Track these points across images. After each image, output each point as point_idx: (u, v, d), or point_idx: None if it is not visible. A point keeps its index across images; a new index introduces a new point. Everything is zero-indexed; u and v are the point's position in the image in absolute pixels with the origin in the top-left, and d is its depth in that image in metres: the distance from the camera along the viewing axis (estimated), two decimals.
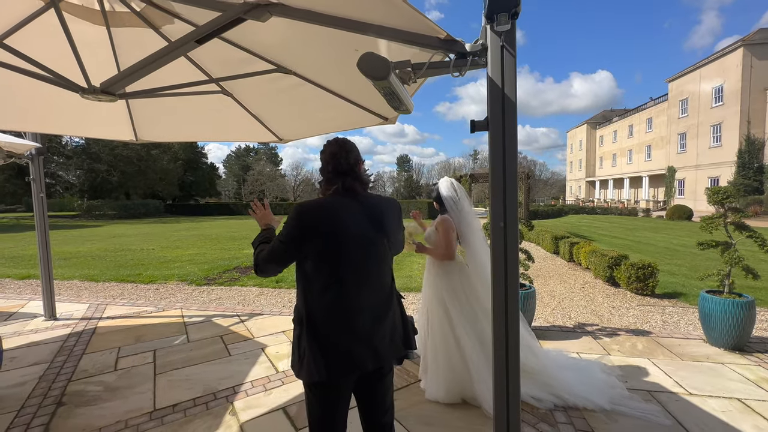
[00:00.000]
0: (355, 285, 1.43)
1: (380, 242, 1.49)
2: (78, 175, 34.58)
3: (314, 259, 1.41)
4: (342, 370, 1.40)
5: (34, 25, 1.91)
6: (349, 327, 1.41)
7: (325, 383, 1.40)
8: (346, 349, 1.40)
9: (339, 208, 1.46)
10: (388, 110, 2.59)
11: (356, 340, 1.42)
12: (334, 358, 1.38)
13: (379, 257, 1.49)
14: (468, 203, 2.90)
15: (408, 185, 70.08)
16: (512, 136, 1.25)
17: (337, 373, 1.39)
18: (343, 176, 1.49)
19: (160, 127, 3.26)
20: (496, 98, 1.24)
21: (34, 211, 4.61)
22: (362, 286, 1.45)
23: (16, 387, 2.98)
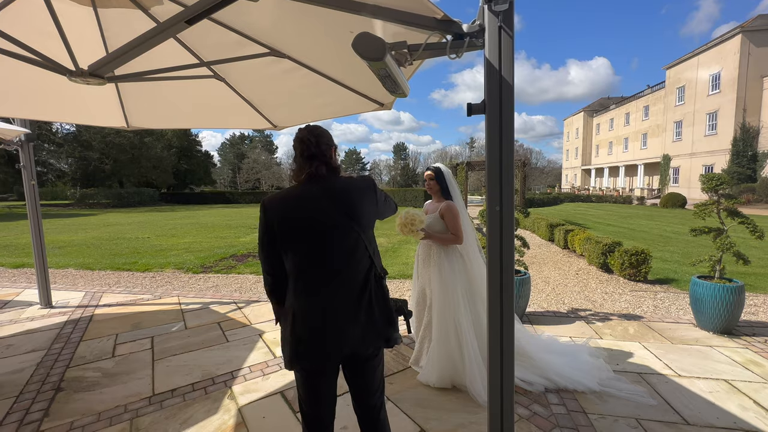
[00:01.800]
0: (318, 274, 1.44)
1: (347, 227, 1.46)
2: (70, 163, 34.07)
3: (284, 251, 1.47)
4: (311, 358, 1.43)
5: (17, 4, 1.84)
6: (315, 317, 1.43)
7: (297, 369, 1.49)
8: (312, 338, 1.43)
9: (300, 197, 1.46)
10: (384, 95, 2.56)
11: (321, 329, 1.42)
12: (303, 347, 1.42)
13: (346, 243, 1.46)
14: (458, 191, 2.92)
15: (404, 173, 69.87)
16: (509, 119, 1.24)
17: (307, 360, 1.43)
18: (310, 161, 1.49)
19: (152, 114, 3.20)
20: (494, 80, 1.22)
21: (26, 199, 4.55)
22: (327, 275, 1.44)
23: (15, 374, 2.99)
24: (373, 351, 1.53)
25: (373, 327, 1.48)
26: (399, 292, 5.18)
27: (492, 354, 1.35)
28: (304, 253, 1.43)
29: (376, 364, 1.58)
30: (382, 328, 1.50)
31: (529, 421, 2.34)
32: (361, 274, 1.49)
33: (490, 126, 1.26)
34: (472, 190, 36.44)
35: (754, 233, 3.57)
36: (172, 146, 39.91)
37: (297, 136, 1.54)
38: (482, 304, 2.77)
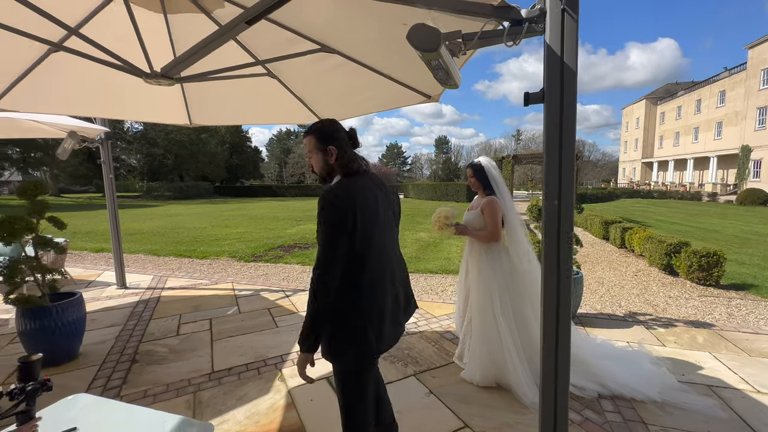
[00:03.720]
0: (386, 265, 1.54)
1: (395, 220, 1.64)
2: (138, 158, 37.58)
3: (359, 242, 1.42)
4: (389, 341, 1.56)
5: (100, 14, 2.05)
6: (389, 304, 1.54)
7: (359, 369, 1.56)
8: (392, 324, 1.55)
9: (368, 189, 1.51)
10: (432, 87, 2.53)
11: (394, 315, 1.57)
12: (383, 334, 1.50)
13: (395, 235, 1.63)
14: (505, 185, 2.81)
15: (446, 168, 68.71)
16: (571, 109, 1.17)
17: (386, 344, 1.54)
18: (357, 155, 1.58)
19: (211, 111, 3.43)
20: (554, 67, 1.16)
21: (105, 191, 5.10)
22: (391, 264, 1.58)
23: (98, 345, 3.39)
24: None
25: (408, 314, 1.71)
26: (441, 288, 5.14)
27: (546, 358, 1.30)
28: (377, 244, 1.48)
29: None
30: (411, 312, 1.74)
31: (581, 426, 2.23)
32: (403, 264, 1.70)
33: (549, 116, 1.20)
34: (517, 184, 34.98)
35: None
36: (225, 142, 42.52)
37: (343, 129, 1.57)
38: (530, 303, 2.67)
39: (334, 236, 1.38)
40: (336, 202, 1.38)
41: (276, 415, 2.37)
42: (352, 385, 1.57)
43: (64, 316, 3.00)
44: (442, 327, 3.71)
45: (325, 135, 1.54)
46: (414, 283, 5.31)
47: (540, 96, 1.23)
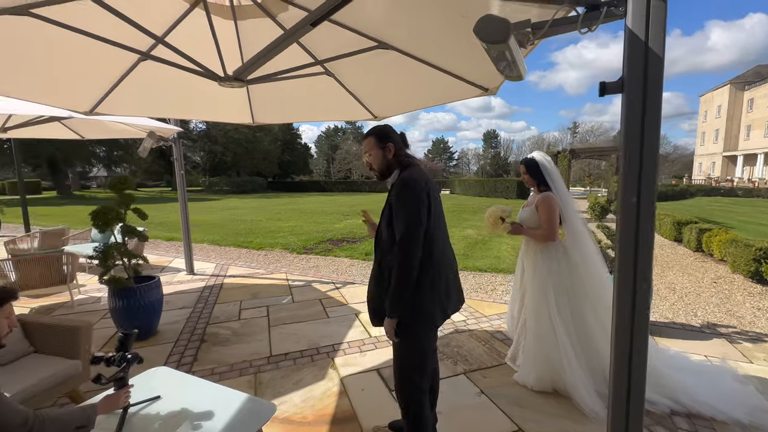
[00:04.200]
0: (446, 245, 1.79)
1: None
2: (201, 155, 40.74)
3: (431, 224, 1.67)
4: (452, 310, 1.80)
5: (181, 23, 2.25)
6: (451, 278, 1.80)
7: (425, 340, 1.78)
8: (454, 294, 1.82)
9: (430, 177, 1.75)
10: (489, 80, 2.45)
11: (456, 286, 1.85)
12: (448, 304, 1.76)
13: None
14: (561, 180, 2.65)
15: (495, 163, 66.26)
16: (655, 98, 1.08)
17: (449, 313, 1.79)
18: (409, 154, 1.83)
19: (271, 110, 3.62)
20: (637, 53, 1.07)
21: (177, 186, 5.61)
22: (448, 244, 1.82)
23: (172, 324, 3.76)
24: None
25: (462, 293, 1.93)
26: (491, 287, 5.00)
27: (617, 372, 1.21)
28: (439, 225, 1.72)
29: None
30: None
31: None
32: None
33: (628, 106, 1.12)
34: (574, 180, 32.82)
35: None
36: (278, 140, 44.66)
37: (394, 131, 1.82)
38: (590, 307, 2.51)
39: (420, 212, 1.60)
40: (415, 184, 1.63)
41: (330, 401, 2.48)
42: (417, 353, 1.76)
43: (146, 297, 3.37)
44: (493, 327, 3.61)
45: (383, 135, 1.79)
46: (462, 281, 5.20)
47: (618, 85, 1.14)
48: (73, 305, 4.31)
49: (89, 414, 1.50)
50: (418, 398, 1.78)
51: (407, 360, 1.78)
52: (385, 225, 1.72)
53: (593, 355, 2.45)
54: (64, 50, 2.20)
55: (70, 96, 2.67)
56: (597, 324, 2.48)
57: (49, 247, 5.64)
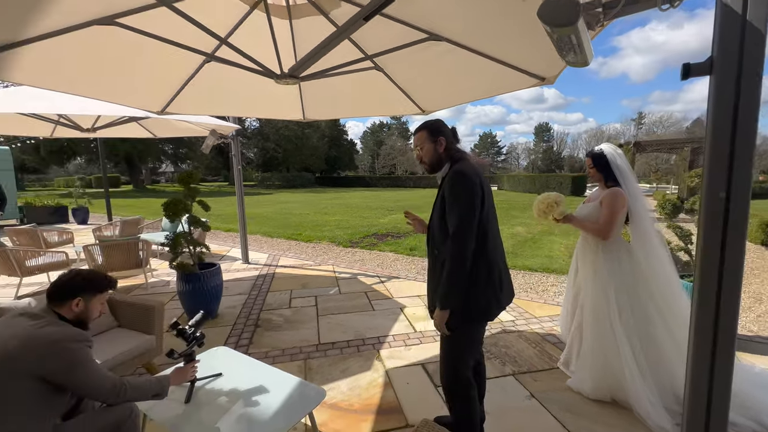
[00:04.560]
0: (498, 238, 1.77)
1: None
2: (255, 152, 43.16)
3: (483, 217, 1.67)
4: (503, 306, 1.76)
5: (243, 24, 2.38)
6: (503, 272, 1.76)
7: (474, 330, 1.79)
8: (506, 289, 1.78)
9: (480, 170, 1.71)
10: (547, 68, 2.31)
11: (508, 281, 1.81)
12: (502, 298, 1.74)
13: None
14: (635, 177, 2.42)
15: (547, 157, 62.69)
16: (753, 80, 0.94)
17: (501, 308, 1.76)
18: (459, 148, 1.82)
19: (321, 106, 3.72)
20: (732, 27, 0.94)
21: (235, 180, 5.99)
22: (499, 241, 1.79)
23: (230, 308, 4.04)
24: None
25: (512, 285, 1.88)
26: (542, 287, 4.76)
27: (694, 389, 1.10)
28: (491, 218, 1.71)
29: None
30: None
31: None
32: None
33: (718, 90, 0.99)
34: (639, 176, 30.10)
35: None
36: (325, 136, 46.03)
37: (444, 125, 1.81)
38: (657, 313, 2.29)
39: (473, 204, 1.60)
40: (468, 177, 1.61)
41: (375, 391, 2.52)
42: (466, 346, 1.77)
43: (209, 282, 3.65)
44: (544, 329, 3.44)
45: (435, 129, 1.79)
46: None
47: (706, 66, 1.01)
48: (147, 287, 4.80)
49: (164, 384, 1.67)
50: (466, 392, 1.77)
51: (457, 352, 1.77)
52: (437, 218, 1.73)
53: (661, 368, 2.24)
54: (140, 55, 2.43)
55: (145, 97, 2.95)
56: (666, 334, 2.26)
57: (127, 234, 6.32)
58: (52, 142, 25.89)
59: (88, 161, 32.67)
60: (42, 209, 11.49)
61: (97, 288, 1.64)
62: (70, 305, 1.55)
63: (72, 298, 1.55)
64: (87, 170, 39.92)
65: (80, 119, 4.52)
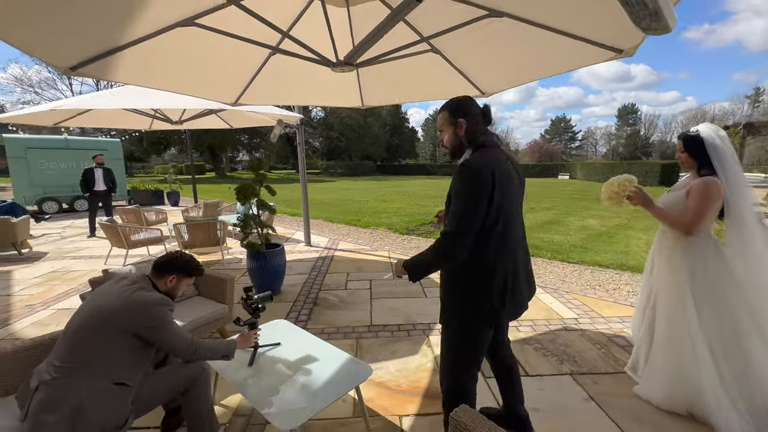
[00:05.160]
0: (516, 235, 1.58)
1: (521, 197, 1.65)
2: (320, 141, 45.13)
3: (494, 211, 1.48)
4: (516, 311, 1.63)
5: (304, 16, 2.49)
6: (518, 274, 1.60)
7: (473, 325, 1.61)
8: (519, 293, 1.62)
9: (500, 162, 1.50)
10: (624, 39, 2.05)
11: (525, 284, 1.65)
12: (513, 301, 1.58)
13: (520, 212, 1.65)
14: (739, 165, 2.03)
15: (631, 143, 55.89)
16: None
17: (513, 314, 1.63)
18: (488, 131, 1.59)
19: (380, 92, 3.76)
20: None
21: (299, 168, 6.35)
22: (519, 236, 1.61)
23: (292, 287, 4.36)
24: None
25: (531, 289, 1.73)
26: (613, 285, 4.34)
27: None
28: (507, 215, 1.51)
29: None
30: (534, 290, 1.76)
31: None
32: (525, 243, 1.72)
33: None
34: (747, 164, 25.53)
35: None
36: (387, 124, 46.35)
37: (475, 104, 1.60)
38: (754, 324, 1.96)
39: (476, 202, 1.44)
40: (477, 171, 1.44)
41: (423, 375, 2.55)
42: (458, 343, 1.65)
43: (273, 261, 3.97)
44: (611, 330, 3.16)
45: (456, 109, 1.59)
46: (577, 276, 4.67)
47: None
48: (224, 263, 5.37)
49: (231, 347, 1.88)
50: (462, 398, 1.64)
51: (451, 353, 1.68)
52: (447, 213, 1.56)
53: (753, 383, 1.93)
54: (215, 52, 2.68)
55: (221, 90, 3.25)
56: (762, 347, 1.94)
57: (209, 215, 7.10)
58: (151, 134, 29.86)
59: (180, 151, 37.11)
60: (144, 192, 13.38)
61: (190, 272, 1.90)
62: (166, 280, 1.82)
63: (169, 274, 1.82)
64: (179, 159, 45.37)
65: (170, 113, 5.13)
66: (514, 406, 1.93)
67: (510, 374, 1.93)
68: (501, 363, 1.93)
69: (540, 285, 4.27)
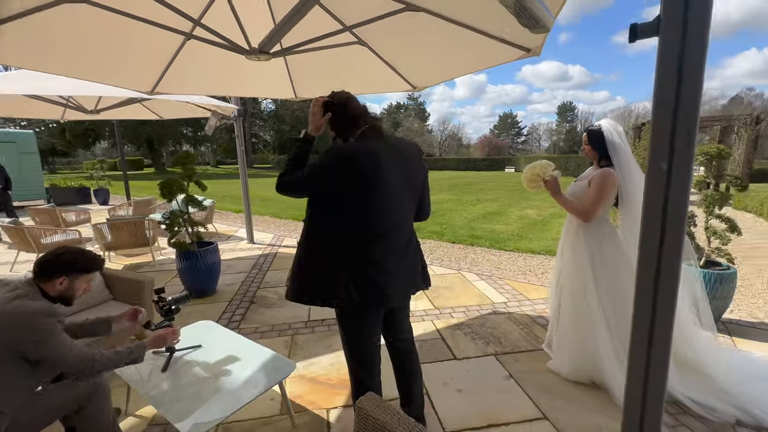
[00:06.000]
0: (383, 233, 1.57)
1: (405, 188, 1.61)
2: (271, 134, 43.51)
3: (346, 203, 1.52)
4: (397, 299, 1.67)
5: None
6: (377, 269, 1.57)
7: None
8: (400, 279, 1.64)
9: (375, 155, 1.50)
10: (530, 38, 2.18)
11: (383, 280, 1.58)
12: (365, 293, 1.57)
13: (404, 201, 1.62)
14: (632, 157, 2.27)
15: (569, 138, 60.35)
16: (698, 43, 0.86)
17: (394, 301, 1.65)
18: (364, 115, 1.60)
19: (312, 84, 3.67)
20: None
21: (239, 162, 6.07)
22: (389, 232, 1.58)
23: (229, 286, 4.17)
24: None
25: (412, 282, 1.74)
26: (542, 269, 4.68)
27: (633, 368, 1.06)
28: (371, 210, 1.53)
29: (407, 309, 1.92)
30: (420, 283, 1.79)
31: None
32: (408, 230, 1.71)
33: (664, 50, 0.91)
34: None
35: None
36: None
37: (341, 95, 1.64)
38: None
39: (318, 178, 1.53)
40: (331, 159, 1.51)
41: None
42: (342, 330, 1.80)
43: (206, 260, 3.76)
44: (536, 311, 3.40)
45: (327, 104, 1.64)
46: (511, 263, 4.96)
47: (653, 27, 0.93)
48: (155, 264, 5.00)
49: (138, 350, 1.70)
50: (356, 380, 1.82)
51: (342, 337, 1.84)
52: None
53: None
54: (120, 34, 2.44)
55: (134, 77, 2.99)
56: None
57: (139, 214, 6.57)
58: (76, 126, 26.84)
59: (113, 145, 33.78)
60: (66, 190, 12.05)
61: (83, 268, 1.65)
62: (55, 283, 1.58)
63: (57, 277, 1.58)
64: (112, 153, 41.37)
65: (83, 101, 4.63)
66: (408, 407, 1.90)
67: (402, 371, 1.92)
68: (394, 358, 1.94)
69: (476, 273, 4.48)
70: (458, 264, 4.91)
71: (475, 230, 7.10)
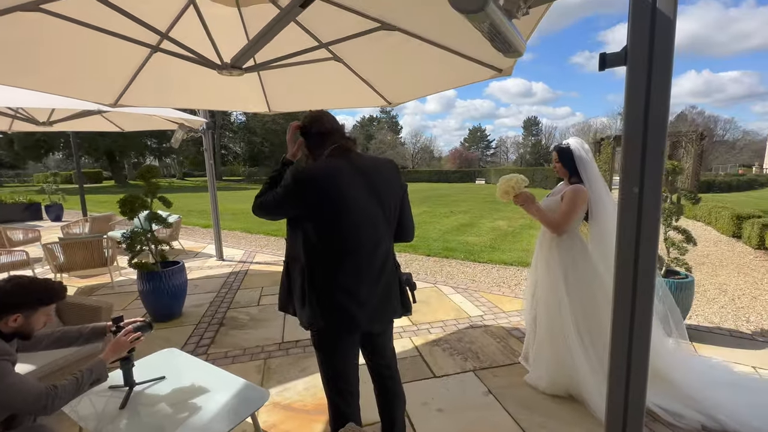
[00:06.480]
0: (352, 255, 1.50)
1: (378, 207, 1.54)
2: (242, 146, 42.56)
3: (313, 225, 1.48)
4: (363, 325, 1.58)
5: (184, 17, 2.27)
6: (346, 293, 1.51)
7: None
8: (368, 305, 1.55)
9: (337, 175, 1.48)
10: (502, 60, 2.26)
11: (352, 305, 1.52)
12: (334, 318, 1.53)
13: (377, 224, 1.54)
14: (599, 173, 2.39)
15: (535, 151, 63.20)
16: (663, 72, 0.91)
17: (361, 327, 1.59)
18: (333, 134, 1.57)
19: (286, 98, 3.62)
20: (643, 18, 0.90)
21: (207, 175, 5.84)
22: (359, 254, 1.51)
23: (196, 307, 3.95)
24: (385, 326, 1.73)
25: (389, 306, 1.65)
26: (515, 281, 4.77)
27: (613, 381, 1.08)
28: (336, 231, 1.48)
29: (389, 334, 1.82)
30: (399, 308, 1.70)
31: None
32: (382, 255, 1.59)
33: (632, 79, 0.95)
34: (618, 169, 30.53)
35: None
36: None
37: (311, 116, 1.63)
38: (608, 306, 2.29)
39: (283, 201, 1.49)
40: (291, 179, 1.47)
41: None
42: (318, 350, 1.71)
43: (171, 281, 3.55)
44: (511, 323, 3.44)
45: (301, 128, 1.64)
46: (485, 275, 5.03)
47: (621, 57, 0.97)
48: (114, 286, 4.66)
49: (98, 368, 1.55)
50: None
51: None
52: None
53: None
54: (81, 45, 2.30)
55: (95, 89, 2.82)
56: None
57: (97, 231, 6.14)
58: (26, 137, 25.08)
59: (67, 156, 31.75)
60: (14, 206, 11.13)
61: (39, 302, 1.50)
62: (6, 321, 1.43)
63: (9, 314, 1.43)
64: (66, 166, 38.84)
65: (35, 112, 4.32)
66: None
67: (384, 395, 1.85)
68: (376, 381, 1.86)
69: (452, 286, 4.50)
70: (434, 277, 4.92)
71: (449, 242, 7.19)
